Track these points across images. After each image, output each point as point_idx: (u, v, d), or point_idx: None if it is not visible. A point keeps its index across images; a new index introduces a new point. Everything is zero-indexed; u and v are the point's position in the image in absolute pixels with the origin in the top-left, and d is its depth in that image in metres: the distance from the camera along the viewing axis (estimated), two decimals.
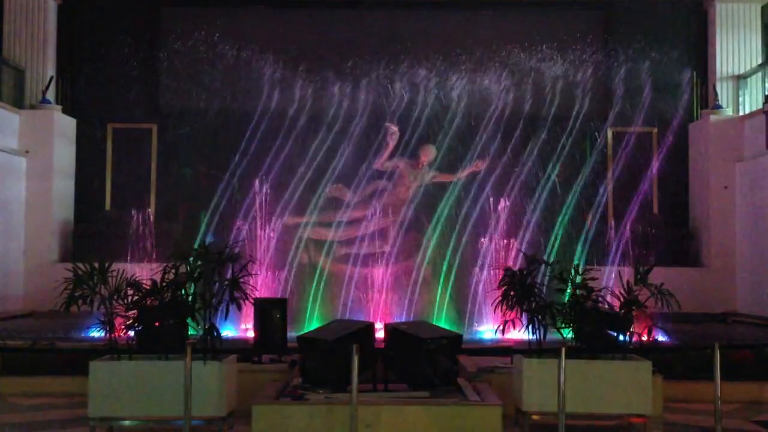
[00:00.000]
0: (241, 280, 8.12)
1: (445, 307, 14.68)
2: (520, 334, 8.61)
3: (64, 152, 17.26)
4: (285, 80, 15.68)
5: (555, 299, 8.46)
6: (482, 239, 15.08)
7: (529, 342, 8.46)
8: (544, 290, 8.48)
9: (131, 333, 7.98)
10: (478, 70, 15.86)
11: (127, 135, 17.55)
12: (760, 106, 16.46)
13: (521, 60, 15.77)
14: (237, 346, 9.85)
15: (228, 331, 10.65)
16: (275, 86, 15.68)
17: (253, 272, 10.03)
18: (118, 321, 8.02)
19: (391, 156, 15.76)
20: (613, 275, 10.08)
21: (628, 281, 8.34)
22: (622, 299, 8.28)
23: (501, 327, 8.47)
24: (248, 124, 15.80)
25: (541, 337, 8.28)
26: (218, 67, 16.56)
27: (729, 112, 17.26)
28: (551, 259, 9.31)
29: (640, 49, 17.15)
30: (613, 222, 17.04)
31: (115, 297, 7.95)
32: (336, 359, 7.96)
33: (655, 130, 17.65)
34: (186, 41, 16.46)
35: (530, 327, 8.34)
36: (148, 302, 7.96)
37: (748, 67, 17.47)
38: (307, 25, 17.20)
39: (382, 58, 15.78)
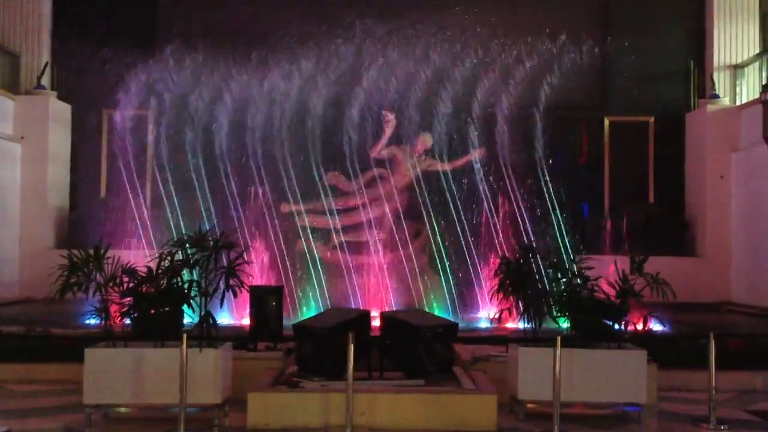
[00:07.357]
0: (237, 267, 8.12)
1: (441, 295, 14.67)
2: (515, 323, 8.62)
3: (59, 138, 17.18)
4: (281, 66, 15.58)
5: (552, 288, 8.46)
6: (478, 228, 15.06)
7: (525, 331, 8.48)
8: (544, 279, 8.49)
9: (127, 320, 7.97)
10: (473, 59, 15.76)
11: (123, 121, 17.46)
12: (758, 95, 16.44)
13: (518, 48, 15.67)
14: (233, 334, 9.85)
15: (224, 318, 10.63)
16: (272, 72, 15.57)
17: (250, 260, 10.02)
18: (113, 308, 8.00)
19: (388, 144, 15.72)
20: (609, 265, 10.08)
21: (623, 270, 8.35)
22: (617, 288, 8.29)
23: (497, 316, 8.48)
24: (245, 110, 15.70)
25: (537, 325, 8.29)
26: (214, 52, 16.46)
27: (726, 101, 17.23)
28: (548, 249, 9.32)
29: (638, 37, 17.11)
30: (609, 211, 17.06)
31: (111, 284, 7.94)
32: (331, 347, 7.97)
33: (652, 119, 17.64)
34: (183, 27, 16.33)
35: (526, 316, 8.35)
36: (144, 289, 7.95)
37: (746, 57, 17.43)
38: (307, 11, 17.09)
39: (381, 46, 15.68)
